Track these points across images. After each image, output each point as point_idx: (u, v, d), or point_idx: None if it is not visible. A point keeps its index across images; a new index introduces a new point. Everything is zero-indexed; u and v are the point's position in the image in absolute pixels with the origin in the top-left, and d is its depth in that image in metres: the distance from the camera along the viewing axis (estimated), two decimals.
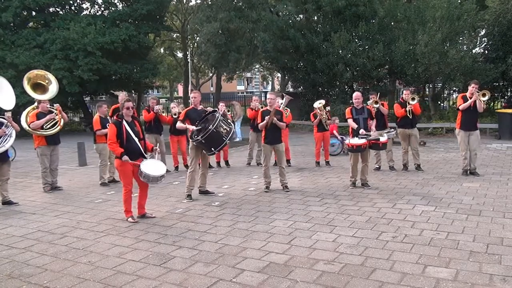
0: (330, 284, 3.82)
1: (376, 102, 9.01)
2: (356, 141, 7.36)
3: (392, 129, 8.97)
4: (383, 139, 7.66)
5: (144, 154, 6.07)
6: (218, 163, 10.49)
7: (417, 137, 8.98)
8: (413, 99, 8.76)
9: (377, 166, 9.31)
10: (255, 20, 19.35)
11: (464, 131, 8.19)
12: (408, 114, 8.77)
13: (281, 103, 8.20)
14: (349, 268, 4.14)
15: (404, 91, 9.22)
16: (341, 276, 3.97)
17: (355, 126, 7.54)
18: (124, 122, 5.92)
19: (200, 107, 7.36)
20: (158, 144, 9.26)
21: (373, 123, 7.79)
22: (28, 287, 4.01)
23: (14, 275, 4.27)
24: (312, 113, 10.21)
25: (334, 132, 11.54)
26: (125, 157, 5.80)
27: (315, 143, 10.26)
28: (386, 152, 9.19)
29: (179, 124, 7.24)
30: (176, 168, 10.02)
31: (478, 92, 7.95)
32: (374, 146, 7.72)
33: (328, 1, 17.68)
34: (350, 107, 7.81)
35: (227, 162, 10.59)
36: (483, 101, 8.02)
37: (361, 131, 7.49)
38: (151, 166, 5.96)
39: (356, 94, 7.88)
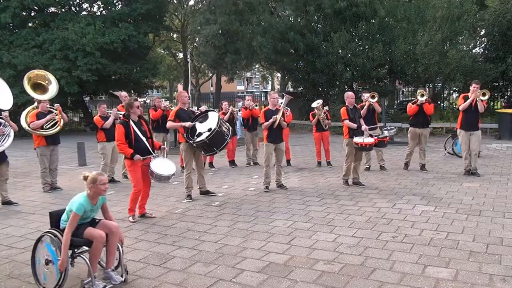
0: (330, 284, 3.82)
1: (373, 97, 9.02)
2: (369, 139, 7.41)
3: (393, 127, 8.97)
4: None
5: (152, 152, 6.06)
6: (210, 163, 10.44)
7: (427, 137, 8.96)
8: (422, 95, 8.73)
9: (367, 166, 9.29)
10: (256, 23, 19.33)
11: (464, 131, 8.19)
12: (416, 105, 8.70)
13: (281, 103, 8.23)
14: (349, 268, 4.14)
15: (418, 90, 9.13)
16: (341, 276, 3.97)
17: (354, 126, 7.56)
18: (131, 122, 5.90)
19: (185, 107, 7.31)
20: (165, 143, 9.29)
21: (362, 122, 7.86)
22: (28, 287, 4.01)
23: (13, 275, 4.27)
24: (311, 113, 10.24)
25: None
26: (137, 156, 5.77)
27: (315, 143, 10.28)
28: (376, 152, 9.21)
29: (170, 124, 7.07)
30: (183, 167, 9.97)
31: (478, 92, 7.96)
32: (381, 144, 7.79)
33: (329, 3, 17.68)
34: (345, 107, 7.76)
35: (233, 162, 10.58)
36: (483, 100, 8.02)
37: (364, 127, 7.54)
38: (161, 166, 5.95)
39: (351, 94, 7.93)
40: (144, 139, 5.95)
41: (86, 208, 3.82)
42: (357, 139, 7.39)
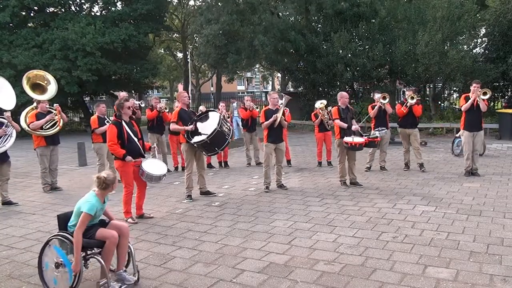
0: (330, 284, 3.82)
1: (385, 98, 9.09)
2: (359, 139, 7.41)
3: (385, 128, 9.03)
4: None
5: (143, 153, 6.05)
6: (220, 163, 10.48)
7: (417, 136, 9.04)
8: (412, 98, 8.84)
9: (368, 166, 9.31)
10: (257, 23, 19.32)
11: (468, 131, 8.17)
12: (406, 106, 8.82)
13: (281, 103, 8.23)
14: (349, 268, 4.13)
15: (406, 92, 9.33)
16: (341, 276, 3.97)
17: (345, 125, 7.59)
18: (123, 122, 5.87)
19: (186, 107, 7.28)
20: (158, 144, 9.24)
21: (354, 122, 7.90)
22: (28, 287, 4.01)
23: (14, 276, 4.27)
24: (313, 113, 10.24)
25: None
26: (129, 158, 5.74)
27: (316, 144, 10.28)
28: (380, 153, 9.23)
29: (174, 126, 7.06)
30: (176, 168, 10.01)
31: (479, 91, 7.97)
32: (371, 144, 7.80)
33: (330, 4, 17.65)
34: (337, 107, 7.81)
35: (226, 163, 10.57)
36: (484, 99, 8.02)
37: (354, 127, 7.57)
38: (152, 166, 5.95)
39: (345, 94, 7.96)
40: (136, 139, 5.93)
41: (97, 208, 3.78)
42: (347, 139, 7.41)
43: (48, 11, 22.62)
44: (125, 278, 3.86)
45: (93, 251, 3.82)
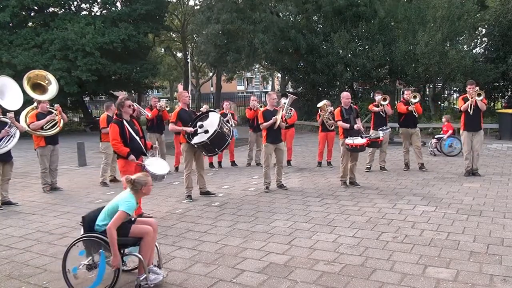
0: (330, 284, 3.81)
1: (385, 99, 9.12)
2: (359, 140, 7.41)
3: (389, 127, 9.02)
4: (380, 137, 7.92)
5: (145, 152, 6.05)
6: (220, 163, 10.47)
7: (418, 135, 9.08)
8: (414, 97, 8.89)
9: (368, 166, 9.30)
10: (257, 21, 19.33)
11: (467, 132, 8.19)
12: (413, 112, 8.91)
13: (285, 103, 8.22)
14: (349, 268, 4.13)
15: (405, 92, 9.38)
16: (341, 276, 3.96)
17: (347, 126, 7.59)
18: (124, 121, 5.87)
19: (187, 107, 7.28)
20: (157, 143, 9.25)
21: (358, 121, 7.89)
22: (27, 287, 4.01)
23: (13, 276, 4.26)
24: (318, 113, 10.25)
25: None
26: (132, 157, 5.73)
27: (318, 143, 10.27)
28: (380, 153, 9.24)
29: (172, 127, 7.05)
30: (176, 168, 10.00)
31: (474, 92, 7.99)
32: (374, 144, 7.80)
33: (328, 1, 17.65)
34: (339, 108, 7.81)
35: (233, 162, 10.58)
36: (479, 100, 8.04)
37: (356, 126, 7.56)
38: (155, 165, 5.94)
39: (346, 94, 7.97)
40: (137, 138, 5.92)
41: (135, 208, 3.85)
42: (348, 140, 7.41)
43: (48, 11, 22.61)
44: (156, 271, 3.93)
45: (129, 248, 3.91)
